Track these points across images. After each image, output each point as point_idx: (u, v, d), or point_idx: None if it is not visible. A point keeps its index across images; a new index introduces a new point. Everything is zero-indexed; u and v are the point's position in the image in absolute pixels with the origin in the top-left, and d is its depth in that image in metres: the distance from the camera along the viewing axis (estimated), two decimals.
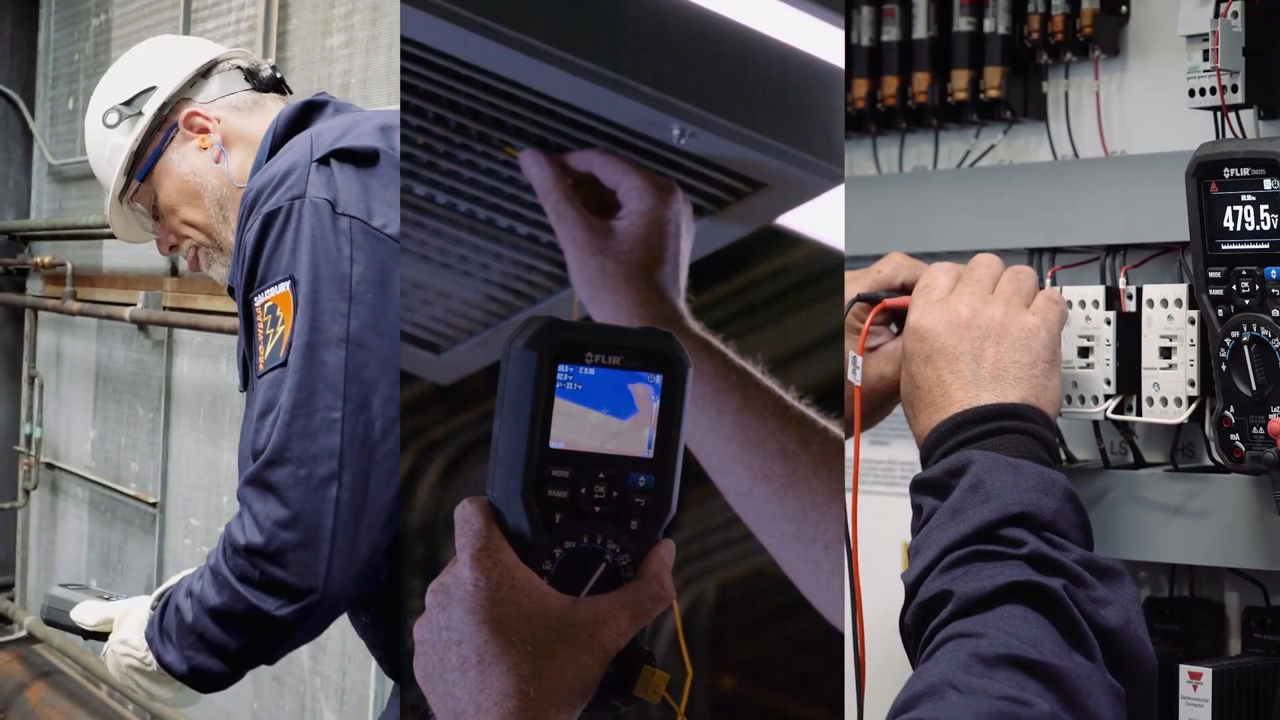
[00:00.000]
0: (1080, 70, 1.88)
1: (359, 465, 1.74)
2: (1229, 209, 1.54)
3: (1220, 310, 1.55)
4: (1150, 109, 1.82)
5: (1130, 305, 1.67)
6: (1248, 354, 1.54)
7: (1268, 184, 1.51)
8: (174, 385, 4.79)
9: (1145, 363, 1.65)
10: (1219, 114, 1.64)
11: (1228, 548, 1.62)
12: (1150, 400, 1.65)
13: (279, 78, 2.24)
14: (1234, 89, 1.61)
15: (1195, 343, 1.62)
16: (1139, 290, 1.67)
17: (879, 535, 1.75)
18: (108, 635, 1.98)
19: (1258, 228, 1.53)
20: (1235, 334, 1.54)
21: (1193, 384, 1.62)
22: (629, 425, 1.17)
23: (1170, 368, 1.63)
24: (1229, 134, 1.64)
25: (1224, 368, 1.55)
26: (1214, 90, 1.61)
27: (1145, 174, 1.72)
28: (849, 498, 1.52)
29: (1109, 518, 1.68)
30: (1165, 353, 1.64)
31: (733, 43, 1.57)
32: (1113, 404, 1.66)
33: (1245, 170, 1.52)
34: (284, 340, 1.77)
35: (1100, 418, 1.66)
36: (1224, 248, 1.55)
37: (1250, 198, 1.53)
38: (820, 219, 1.74)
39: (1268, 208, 1.52)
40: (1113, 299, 1.67)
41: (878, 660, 1.55)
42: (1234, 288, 1.54)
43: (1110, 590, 1.29)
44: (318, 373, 1.74)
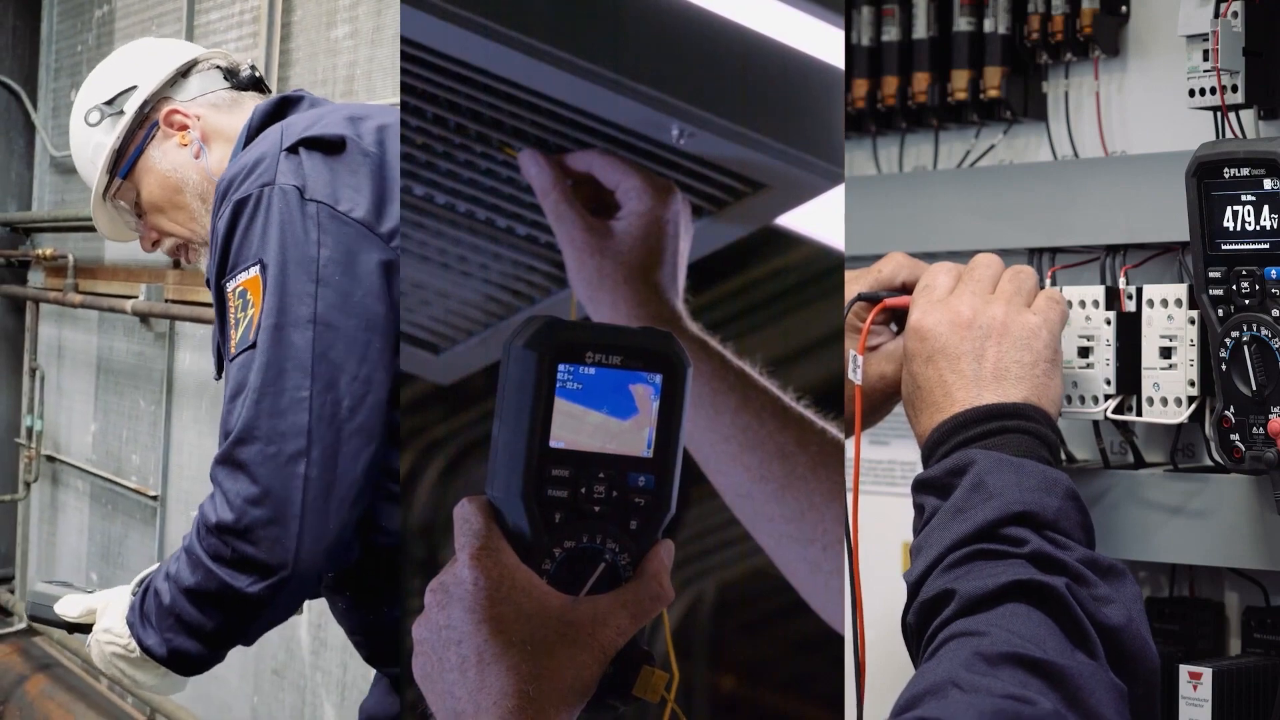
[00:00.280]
0: (1080, 70, 1.88)
1: (327, 442, 1.76)
2: (1229, 209, 1.54)
3: (1220, 310, 1.55)
4: (1150, 109, 1.82)
5: (1130, 305, 1.67)
6: (1248, 354, 1.54)
7: (1268, 184, 1.51)
8: (175, 378, 4.78)
9: (1145, 363, 1.65)
10: (1219, 114, 1.64)
11: (1228, 548, 1.62)
12: (1150, 400, 1.65)
13: (258, 77, 2.28)
14: (1234, 89, 1.61)
15: (1195, 343, 1.62)
16: (1139, 290, 1.67)
17: (879, 535, 1.75)
18: (91, 627, 1.99)
19: (1258, 228, 1.52)
20: (1235, 334, 1.54)
21: (1193, 384, 1.62)
22: (629, 425, 1.17)
23: (1170, 368, 1.64)
24: (1229, 134, 1.64)
25: (1224, 368, 1.55)
26: (1214, 90, 1.61)
27: (1145, 174, 1.72)
28: (849, 497, 1.52)
29: (1109, 518, 1.68)
30: (1165, 353, 1.64)
31: (733, 43, 1.57)
32: (1113, 404, 1.66)
33: (1245, 170, 1.52)
34: (254, 323, 1.80)
35: (1100, 418, 1.66)
36: (1224, 248, 1.55)
37: (1250, 198, 1.53)
38: (820, 219, 1.73)
39: (1268, 208, 1.52)
40: (1113, 299, 1.67)
41: (877, 660, 1.55)
42: (1234, 288, 1.54)
43: (1113, 589, 1.29)
44: (286, 353, 1.77)
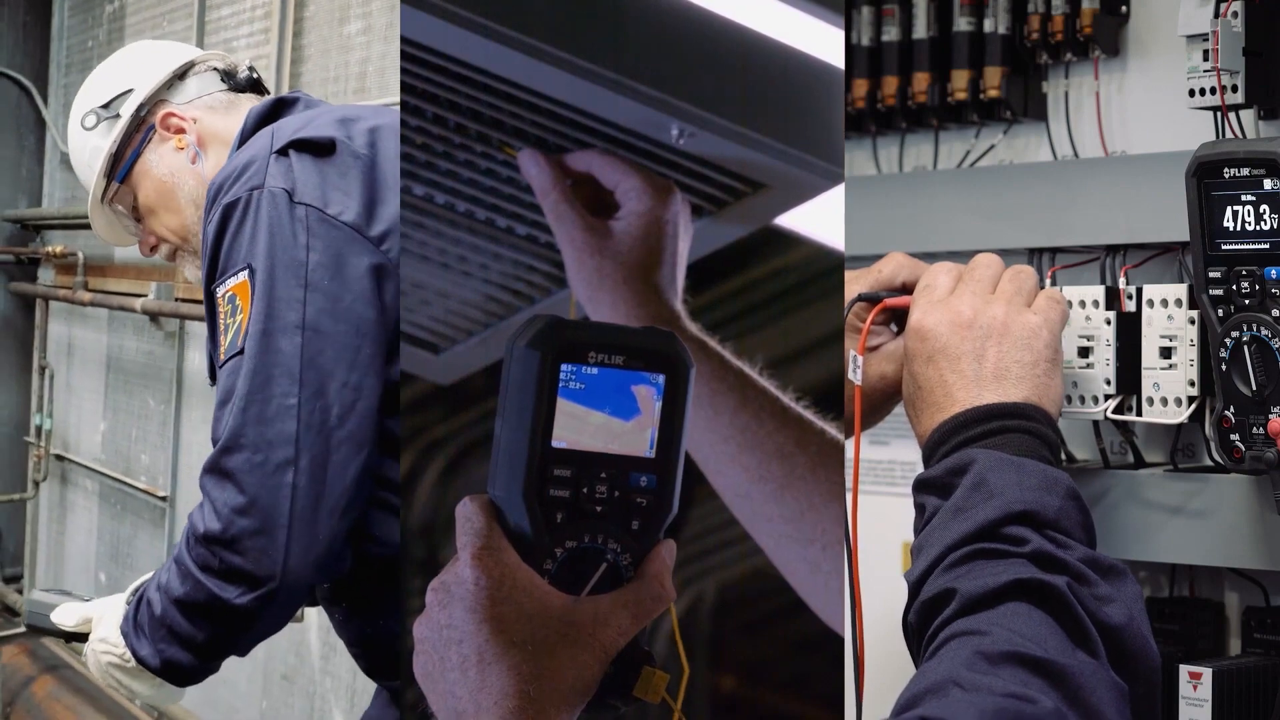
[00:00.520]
0: (1080, 70, 1.88)
1: (315, 451, 1.73)
2: (1229, 209, 1.54)
3: (1220, 310, 1.55)
4: (1150, 109, 1.82)
5: (1130, 305, 1.67)
6: (1248, 354, 1.54)
7: (1268, 184, 1.51)
8: (185, 377, 4.77)
9: (1145, 363, 1.65)
10: (1219, 114, 1.64)
11: (1228, 548, 1.62)
12: (1150, 400, 1.65)
13: (256, 78, 2.25)
14: (1234, 89, 1.61)
15: (1195, 343, 1.62)
16: (1139, 290, 1.67)
17: (879, 535, 1.75)
18: (88, 636, 1.97)
19: (1258, 228, 1.52)
20: (1235, 334, 1.54)
21: (1193, 384, 1.62)
22: (631, 426, 1.17)
23: (1170, 368, 1.64)
24: (1229, 134, 1.64)
25: (1224, 368, 1.55)
26: (1214, 90, 1.61)
27: (1145, 174, 1.72)
28: (849, 498, 1.52)
29: (1109, 518, 1.68)
30: (1165, 353, 1.64)
31: (733, 43, 1.57)
32: (1113, 404, 1.66)
33: (1245, 170, 1.52)
34: (242, 329, 1.77)
35: (1100, 418, 1.66)
36: (1224, 248, 1.55)
37: (1250, 198, 1.53)
38: (820, 219, 1.73)
39: (1268, 208, 1.52)
40: (1113, 299, 1.67)
41: (877, 660, 1.55)
42: (1234, 288, 1.54)
43: (1113, 588, 1.29)
44: (273, 359, 1.75)
